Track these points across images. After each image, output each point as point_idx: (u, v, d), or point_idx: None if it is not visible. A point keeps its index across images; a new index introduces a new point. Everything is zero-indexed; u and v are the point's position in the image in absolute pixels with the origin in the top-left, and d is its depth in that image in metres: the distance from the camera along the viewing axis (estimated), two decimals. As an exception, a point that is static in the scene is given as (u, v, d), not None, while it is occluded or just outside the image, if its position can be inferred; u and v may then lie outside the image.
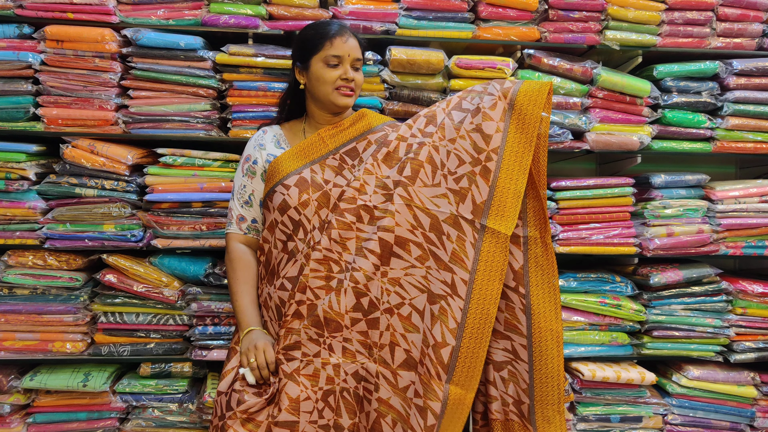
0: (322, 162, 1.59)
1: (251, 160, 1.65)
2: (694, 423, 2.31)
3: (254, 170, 1.64)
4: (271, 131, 1.71)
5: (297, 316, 1.49)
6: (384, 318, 1.45)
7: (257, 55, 2.12)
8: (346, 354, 1.46)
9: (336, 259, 1.49)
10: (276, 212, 1.57)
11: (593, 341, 2.27)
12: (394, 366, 1.44)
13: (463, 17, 2.22)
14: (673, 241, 2.27)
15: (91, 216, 2.09)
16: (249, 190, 1.64)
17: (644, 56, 2.31)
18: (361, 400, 1.46)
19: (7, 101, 2.07)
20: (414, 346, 1.43)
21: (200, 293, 2.15)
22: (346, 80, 1.58)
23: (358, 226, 1.48)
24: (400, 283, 1.46)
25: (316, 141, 1.62)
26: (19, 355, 2.13)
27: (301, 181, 1.56)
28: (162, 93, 2.12)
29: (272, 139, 1.68)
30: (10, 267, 2.12)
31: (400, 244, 1.46)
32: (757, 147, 2.35)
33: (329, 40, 1.57)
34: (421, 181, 1.47)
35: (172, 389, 2.18)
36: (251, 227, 1.65)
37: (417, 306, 1.44)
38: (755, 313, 2.31)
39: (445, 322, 1.39)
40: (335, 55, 1.57)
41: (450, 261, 1.43)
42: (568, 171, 2.70)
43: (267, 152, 1.64)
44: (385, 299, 1.45)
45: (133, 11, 2.11)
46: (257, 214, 1.65)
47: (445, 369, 1.37)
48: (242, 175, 1.65)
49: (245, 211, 1.64)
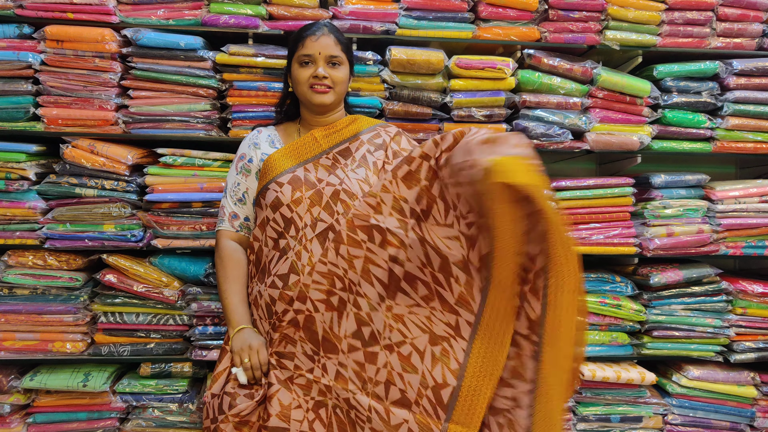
0: (315, 161, 1.60)
1: (246, 159, 1.65)
2: (694, 423, 2.31)
3: (249, 168, 1.64)
4: (266, 131, 1.72)
5: (293, 323, 1.48)
6: (383, 354, 1.41)
7: (257, 55, 2.12)
8: (339, 379, 1.44)
9: (340, 275, 1.45)
10: (268, 209, 1.57)
11: (593, 341, 2.27)
12: (387, 402, 1.39)
13: (463, 17, 2.22)
14: (673, 241, 2.27)
15: (91, 216, 2.09)
16: (243, 188, 1.65)
17: (644, 56, 2.31)
18: (354, 424, 1.43)
19: (7, 101, 2.07)
20: (410, 386, 1.38)
21: (200, 293, 2.15)
22: (317, 77, 1.59)
23: (368, 246, 1.44)
24: (403, 321, 1.41)
25: (309, 141, 1.63)
26: (19, 355, 2.13)
27: (295, 179, 1.56)
28: (162, 93, 2.12)
29: (267, 138, 1.69)
30: (10, 267, 2.12)
31: (409, 281, 1.42)
32: (757, 147, 2.35)
33: (301, 41, 1.61)
34: (434, 219, 1.41)
35: (172, 389, 2.18)
36: (243, 225, 1.65)
37: (418, 346, 1.39)
38: (755, 313, 2.31)
39: (447, 363, 1.35)
40: (305, 54, 1.60)
41: (456, 303, 1.38)
42: (568, 171, 2.70)
43: (261, 151, 1.65)
44: (387, 335, 1.41)
45: (133, 11, 2.11)
46: (250, 213, 1.65)
47: (445, 409, 1.33)
48: (236, 173, 1.66)
49: (238, 209, 1.65)
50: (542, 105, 2.24)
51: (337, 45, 1.62)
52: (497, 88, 2.21)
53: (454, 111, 2.22)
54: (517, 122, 2.22)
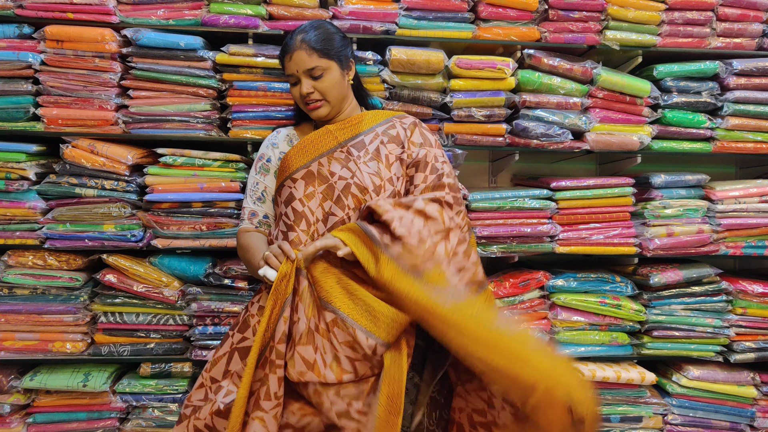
0: (330, 155, 1.59)
1: (265, 158, 1.67)
2: (694, 423, 2.32)
3: (267, 168, 1.65)
4: (285, 131, 1.73)
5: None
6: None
7: (257, 55, 2.12)
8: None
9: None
10: (282, 205, 1.58)
11: (593, 341, 2.27)
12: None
13: (463, 17, 2.22)
14: (673, 241, 2.27)
15: (91, 216, 2.09)
16: (261, 187, 1.66)
17: (644, 56, 2.31)
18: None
19: (7, 101, 2.07)
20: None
21: (200, 293, 2.15)
22: (303, 95, 1.59)
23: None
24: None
25: (323, 134, 1.62)
26: (19, 355, 2.13)
27: (308, 174, 1.56)
28: (162, 93, 2.12)
29: (285, 138, 1.70)
30: (10, 267, 2.12)
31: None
32: (757, 147, 2.35)
33: (283, 62, 1.60)
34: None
35: (172, 389, 2.18)
36: (262, 222, 1.65)
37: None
38: (755, 313, 2.31)
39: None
40: (288, 75, 1.60)
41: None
42: (568, 171, 2.70)
43: (280, 150, 1.66)
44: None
45: (133, 11, 2.11)
46: (269, 210, 1.66)
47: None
48: (256, 173, 1.67)
49: (257, 207, 1.66)
50: (542, 105, 2.24)
51: (312, 55, 1.55)
52: (497, 88, 2.21)
53: (454, 111, 2.22)
54: (517, 122, 2.22)
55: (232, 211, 2.13)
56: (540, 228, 2.24)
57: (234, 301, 2.17)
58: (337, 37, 1.60)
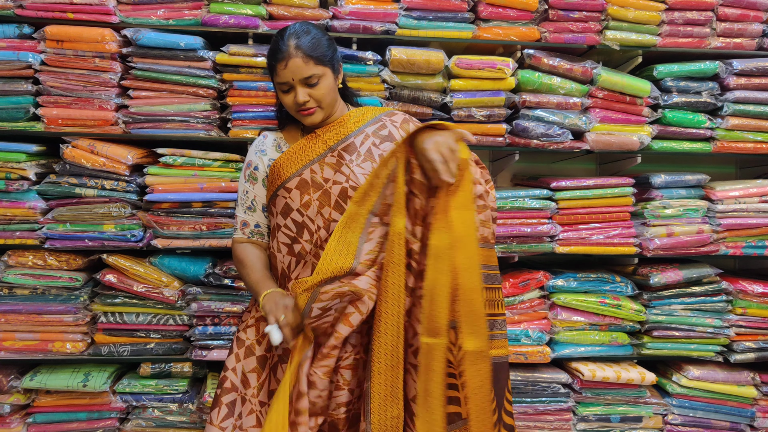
0: (321, 161, 1.58)
1: (252, 166, 1.64)
2: (694, 423, 2.31)
3: (255, 176, 1.63)
4: (272, 135, 1.70)
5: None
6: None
7: (257, 55, 2.12)
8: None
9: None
10: (279, 216, 1.56)
11: (593, 341, 2.27)
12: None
13: (463, 17, 2.22)
14: (673, 241, 2.27)
15: (91, 216, 2.09)
16: (251, 196, 1.64)
17: (644, 56, 2.31)
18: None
19: (7, 101, 2.07)
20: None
21: (200, 293, 2.15)
22: (299, 104, 1.55)
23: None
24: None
25: (313, 140, 1.61)
26: (19, 355, 2.13)
27: (302, 183, 1.55)
28: (162, 93, 2.12)
29: (273, 143, 1.67)
30: (10, 267, 2.12)
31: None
32: (757, 147, 2.35)
33: (275, 69, 1.55)
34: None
35: (172, 389, 2.18)
36: (254, 231, 1.64)
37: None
38: (755, 313, 2.31)
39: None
40: (281, 83, 1.55)
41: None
42: (568, 171, 2.70)
43: (268, 157, 1.63)
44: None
45: (133, 11, 2.11)
46: (260, 219, 1.64)
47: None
48: (245, 181, 1.65)
49: (248, 216, 1.64)
50: (542, 105, 2.24)
51: (308, 62, 1.52)
52: (497, 88, 2.21)
53: (454, 111, 2.22)
54: (517, 122, 2.22)
55: (232, 211, 2.13)
56: (540, 228, 2.24)
57: (234, 301, 2.17)
58: (325, 40, 1.57)
